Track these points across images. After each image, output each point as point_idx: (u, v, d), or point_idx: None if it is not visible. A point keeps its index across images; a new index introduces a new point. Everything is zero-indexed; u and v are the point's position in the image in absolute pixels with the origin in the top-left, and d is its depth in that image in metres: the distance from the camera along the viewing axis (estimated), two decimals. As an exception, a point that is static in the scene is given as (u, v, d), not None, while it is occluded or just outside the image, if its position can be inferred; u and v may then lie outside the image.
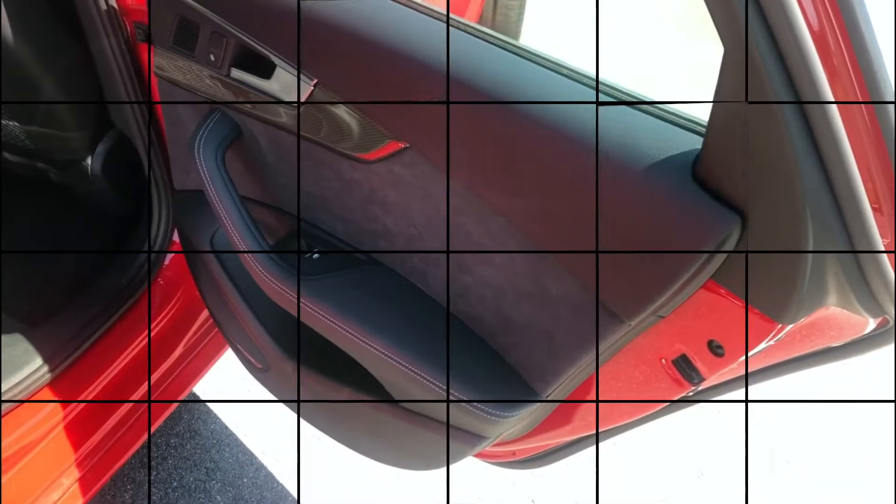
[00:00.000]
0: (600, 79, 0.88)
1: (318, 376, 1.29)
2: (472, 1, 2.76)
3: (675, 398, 0.98)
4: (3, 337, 1.50)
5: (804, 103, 0.64)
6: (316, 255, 1.24)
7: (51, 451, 1.46)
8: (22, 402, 1.42)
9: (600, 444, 1.33)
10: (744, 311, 0.80)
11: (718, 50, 0.68)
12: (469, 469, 2.10)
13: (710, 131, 0.74)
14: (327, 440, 1.48)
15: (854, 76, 0.64)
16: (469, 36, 0.96)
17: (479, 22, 3.01)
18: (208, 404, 2.25)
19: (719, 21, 0.66)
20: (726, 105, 0.70)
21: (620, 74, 0.91)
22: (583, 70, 0.89)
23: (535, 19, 4.14)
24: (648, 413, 1.09)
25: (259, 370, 1.48)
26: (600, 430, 1.20)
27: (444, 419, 1.13)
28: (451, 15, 0.99)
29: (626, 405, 1.09)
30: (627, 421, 1.14)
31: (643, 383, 1.01)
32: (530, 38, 3.80)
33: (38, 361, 1.46)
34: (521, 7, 3.45)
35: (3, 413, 1.40)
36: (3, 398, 1.39)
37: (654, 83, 3.96)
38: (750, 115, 0.68)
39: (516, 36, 3.43)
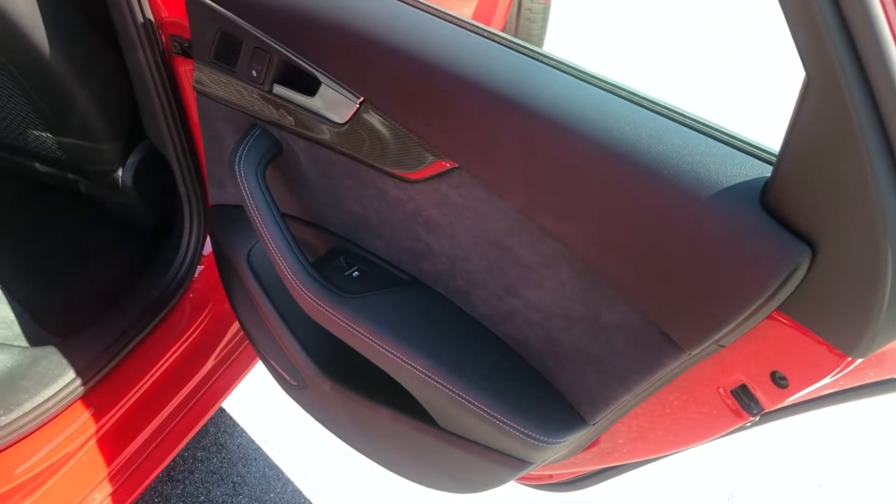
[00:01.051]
0: (660, 101, 0.86)
1: (357, 396, 1.27)
2: (496, 12, 2.76)
3: (733, 428, 0.96)
4: (37, 350, 1.49)
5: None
6: (356, 274, 1.23)
7: (84, 465, 1.45)
8: None
9: (633, 470, 1.31)
10: (812, 342, 0.78)
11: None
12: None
13: (784, 159, 0.72)
14: (355, 456, 1.46)
15: None
16: (522, 56, 0.94)
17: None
18: (234, 418, 2.24)
19: (803, 46, 0.64)
20: (803, 132, 0.68)
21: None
22: (641, 92, 0.87)
23: (557, 28, 4.14)
24: (693, 444, 1.07)
25: (294, 387, 1.46)
26: (641, 458, 1.19)
27: (489, 443, 1.11)
28: (498, 31, 0.97)
29: (666, 434, 1.07)
30: (672, 452, 1.11)
31: (696, 412, 0.99)
32: (551, 47, 3.79)
33: (72, 374, 1.45)
34: (545, 18, 3.44)
35: (36, 427, 1.39)
36: (38, 411, 1.38)
37: (675, 94, 3.95)
38: (830, 143, 0.66)
39: (539, 46, 3.42)
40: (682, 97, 3.95)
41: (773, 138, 0.72)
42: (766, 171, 0.76)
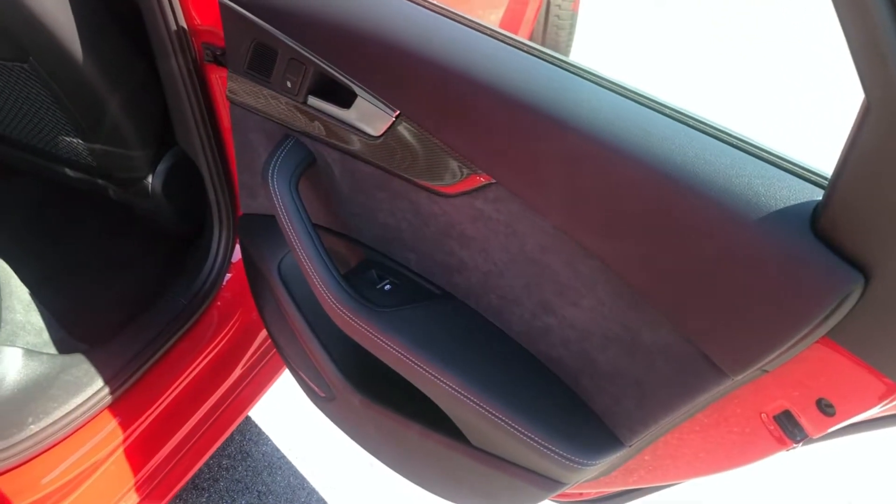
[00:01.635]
0: (705, 119, 0.84)
1: (387, 410, 1.26)
2: (524, 19, 2.75)
3: (773, 454, 0.94)
4: (65, 357, 1.49)
5: None
6: (388, 287, 1.22)
7: (111, 474, 1.45)
8: None
9: (665, 488, 1.29)
10: (861, 370, 0.76)
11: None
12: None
13: (838, 183, 0.70)
14: (381, 467, 1.45)
15: None
16: (561, 70, 0.93)
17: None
18: (260, 426, 2.23)
19: (864, 71, 0.62)
20: (860, 157, 0.66)
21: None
22: (686, 109, 0.86)
23: (584, 37, 4.12)
24: (729, 468, 1.05)
25: (322, 399, 1.45)
26: (670, 481, 1.17)
27: (522, 462, 1.10)
28: (535, 44, 0.96)
29: (699, 454, 1.04)
30: (705, 475, 1.09)
31: (730, 434, 0.96)
32: (578, 55, 3.77)
33: (100, 383, 1.45)
34: (573, 25, 3.43)
35: (64, 436, 1.39)
36: (66, 420, 1.38)
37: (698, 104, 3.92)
38: (890, 169, 0.64)
39: (566, 55, 3.40)
40: (694, 99, 3.91)
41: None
42: (817, 194, 0.74)
